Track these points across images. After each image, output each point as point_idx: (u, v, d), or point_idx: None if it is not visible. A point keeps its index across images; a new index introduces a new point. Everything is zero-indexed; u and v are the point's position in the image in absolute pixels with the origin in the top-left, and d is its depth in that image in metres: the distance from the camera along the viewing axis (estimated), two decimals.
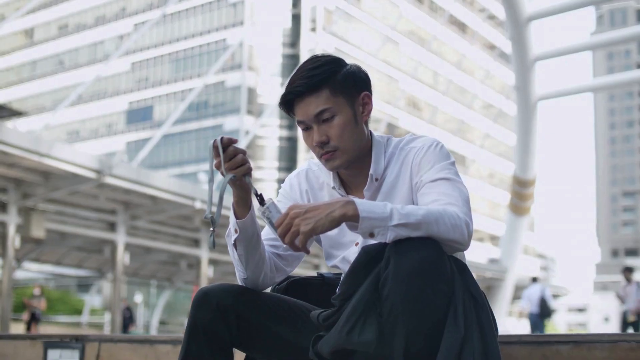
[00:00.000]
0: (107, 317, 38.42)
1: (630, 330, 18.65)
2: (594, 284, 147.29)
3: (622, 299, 18.05)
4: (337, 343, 2.10)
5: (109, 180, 22.92)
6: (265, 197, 2.27)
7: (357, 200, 2.10)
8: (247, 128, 61.89)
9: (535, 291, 20.32)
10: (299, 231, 2.07)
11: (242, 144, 46.91)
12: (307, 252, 2.16)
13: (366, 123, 2.44)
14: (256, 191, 2.31)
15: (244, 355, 2.53)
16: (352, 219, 2.07)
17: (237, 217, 2.35)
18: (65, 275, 50.45)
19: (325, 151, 2.37)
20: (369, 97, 2.43)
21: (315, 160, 2.56)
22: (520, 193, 39.54)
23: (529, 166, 38.74)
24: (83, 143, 71.65)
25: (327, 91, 2.33)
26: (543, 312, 20.12)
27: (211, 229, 2.28)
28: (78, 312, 46.09)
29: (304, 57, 65.27)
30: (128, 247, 29.16)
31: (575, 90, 39.59)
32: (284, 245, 2.45)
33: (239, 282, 2.45)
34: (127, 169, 24.60)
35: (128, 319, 29.71)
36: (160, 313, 48.89)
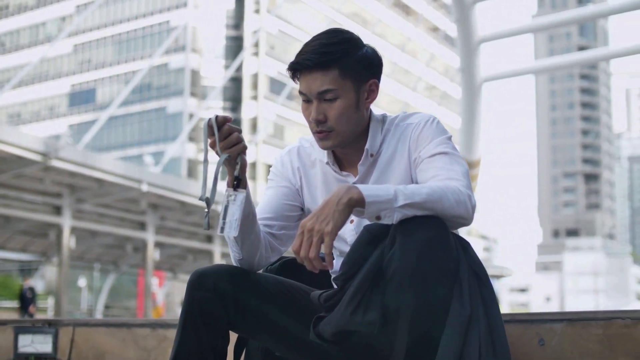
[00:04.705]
0: (50, 302, 38.01)
1: None
2: (535, 265, 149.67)
3: None
4: (340, 324, 2.07)
5: (55, 163, 22.69)
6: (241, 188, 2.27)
7: (358, 185, 2.07)
8: (190, 110, 61.54)
9: None
10: (322, 235, 2.03)
11: (185, 127, 46.62)
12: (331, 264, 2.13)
13: (367, 109, 2.40)
14: (239, 175, 2.27)
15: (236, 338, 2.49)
16: (358, 203, 2.04)
17: None
18: (7, 259, 49.80)
19: (320, 129, 2.33)
20: (377, 85, 2.38)
21: (307, 137, 2.52)
22: None
23: (473, 147, 39.00)
24: (24, 126, 70.59)
25: (336, 72, 2.28)
26: None
27: (206, 210, 2.22)
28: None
29: (247, 39, 65.05)
30: (74, 230, 28.87)
31: (518, 72, 39.83)
32: (279, 224, 2.43)
33: (234, 263, 2.40)
34: (73, 151, 24.36)
35: (30, 300, 28.73)
36: (105, 297, 48.44)
